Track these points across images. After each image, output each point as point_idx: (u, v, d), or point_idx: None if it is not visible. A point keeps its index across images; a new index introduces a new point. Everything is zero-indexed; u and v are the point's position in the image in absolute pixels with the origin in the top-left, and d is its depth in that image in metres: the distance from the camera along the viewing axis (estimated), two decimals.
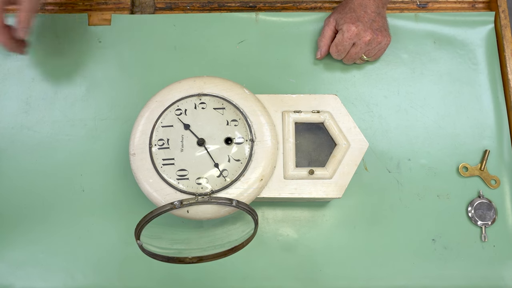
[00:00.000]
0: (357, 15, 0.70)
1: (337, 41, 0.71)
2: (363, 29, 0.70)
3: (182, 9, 0.81)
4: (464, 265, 0.69)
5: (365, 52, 0.72)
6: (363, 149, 0.64)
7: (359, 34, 0.70)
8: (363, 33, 0.70)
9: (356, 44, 0.71)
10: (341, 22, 0.71)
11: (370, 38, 0.70)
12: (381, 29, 0.71)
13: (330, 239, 0.70)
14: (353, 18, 0.70)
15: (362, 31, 0.70)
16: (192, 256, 0.57)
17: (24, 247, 0.69)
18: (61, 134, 0.74)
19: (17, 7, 0.65)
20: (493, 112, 0.75)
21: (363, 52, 0.72)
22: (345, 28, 0.70)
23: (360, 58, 0.74)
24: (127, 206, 0.70)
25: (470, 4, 0.82)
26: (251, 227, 0.67)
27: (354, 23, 0.69)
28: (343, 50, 0.72)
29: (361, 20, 0.70)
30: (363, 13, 0.70)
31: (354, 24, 0.69)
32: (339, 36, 0.71)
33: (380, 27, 0.71)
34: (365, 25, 0.70)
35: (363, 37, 0.70)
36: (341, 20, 0.71)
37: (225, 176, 0.60)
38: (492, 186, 0.72)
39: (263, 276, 0.68)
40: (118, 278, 0.68)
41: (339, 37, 0.71)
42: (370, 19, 0.70)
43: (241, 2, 0.81)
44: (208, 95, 0.63)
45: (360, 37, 0.70)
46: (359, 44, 0.70)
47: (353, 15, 0.70)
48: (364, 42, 0.70)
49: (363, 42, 0.70)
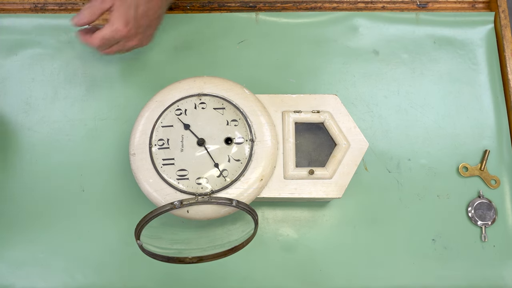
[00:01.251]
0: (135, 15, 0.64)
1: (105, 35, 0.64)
2: (134, 34, 0.65)
3: (182, 9, 0.81)
4: (464, 265, 0.69)
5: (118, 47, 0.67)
6: (363, 149, 0.64)
7: (127, 37, 0.65)
8: (131, 37, 0.66)
9: (119, 44, 0.66)
10: (115, 14, 0.63)
11: (135, 44, 0.67)
12: (150, 37, 0.69)
13: (330, 239, 0.70)
14: (128, 17, 0.63)
15: (132, 36, 0.65)
16: (192, 256, 0.57)
17: (24, 247, 0.69)
18: (61, 134, 0.74)
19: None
20: (493, 112, 0.75)
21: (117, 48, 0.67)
22: (116, 25, 0.63)
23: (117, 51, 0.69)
24: (127, 206, 0.70)
25: (470, 4, 0.82)
26: (251, 227, 0.67)
27: (127, 25, 0.63)
28: (107, 44, 0.65)
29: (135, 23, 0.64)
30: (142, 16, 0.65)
31: (126, 25, 0.63)
32: (107, 30, 0.63)
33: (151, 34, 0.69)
34: (137, 30, 0.65)
35: (129, 41, 0.66)
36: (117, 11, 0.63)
37: (225, 176, 0.60)
38: (492, 186, 0.72)
39: (263, 276, 0.68)
40: (118, 278, 0.68)
41: (107, 32, 0.63)
42: (146, 25, 0.66)
43: (241, 2, 0.81)
44: (208, 95, 0.63)
45: (127, 41, 0.66)
46: (122, 45, 0.67)
47: (130, 13, 0.63)
48: (127, 46, 0.67)
49: (126, 47, 0.67)
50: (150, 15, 0.66)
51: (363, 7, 0.81)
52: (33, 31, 0.78)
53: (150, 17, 0.66)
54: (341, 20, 0.79)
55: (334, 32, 0.78)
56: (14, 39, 0.78)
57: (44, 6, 0.80)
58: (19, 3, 0.80)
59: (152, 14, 0.66)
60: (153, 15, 0.67)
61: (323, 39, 0.78)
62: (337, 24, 0.79)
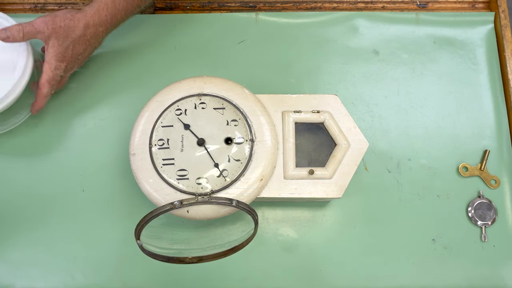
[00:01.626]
0: (70, 54, 0.67)
1: (49, 76, 0.67)
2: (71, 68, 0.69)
3: (182, 9, 0.81)
4: (464, 265, 0.69)
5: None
6: (363, 149, 0.64)
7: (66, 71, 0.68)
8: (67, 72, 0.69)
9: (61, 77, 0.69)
10: (51, 53, 0.66)
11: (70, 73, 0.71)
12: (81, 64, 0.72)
13: (330, 239, 0.70)
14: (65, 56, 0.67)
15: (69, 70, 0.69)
16: (192, 256, 0.57)
17: (24, 247, 0.69)
18: (62, 134, 0.74)
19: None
20: (493, 112, 0.75)
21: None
22: (55, 64, 0.66)
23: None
24: (127, 206, 0.70)
25: (470, 4, 0.82)
26: (251, 227, 0.67)
27: (63, 61, 0.67)
28: (55, 84, 0.68)
29: (71, 59, 0.68)
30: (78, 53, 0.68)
31: (63, 62, 0.67)
32: (48, 71, 0.67)
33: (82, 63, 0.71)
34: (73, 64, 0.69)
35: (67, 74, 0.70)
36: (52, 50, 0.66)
37: (225, 176, 0.60)
38: (492, 186, 0.72)
39: (263, 276, 0.68)
40: (118, 278, 0.68)
41: (49, 73, 0.67)
42: (83, 56, 0.69)
43: (241, 2, 0.81)
44: (208, 95, 0.63)
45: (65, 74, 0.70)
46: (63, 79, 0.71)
47: (67, 53, 0.66)
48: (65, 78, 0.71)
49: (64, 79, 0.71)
50: (87, 50, 0.69)
51: (363, 7, 0.81)
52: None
53: (87, 52, 0.69)
54: (341, 20, 0.79)
55: (334, 32, 0.78)
56: None
57: (44, 6, 0.80)
58: (19, 3, 0.80)
59: (89, 49, 0.69)
60: (90, 49, 0.69)
61: (323, 39, 0.78)
62: (337, 24, 0.79)
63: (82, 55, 0.68)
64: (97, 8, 0.66)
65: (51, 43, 0.65)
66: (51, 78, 0.67)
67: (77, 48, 0.67)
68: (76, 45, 0.66)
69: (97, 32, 0.67)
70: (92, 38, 0.67)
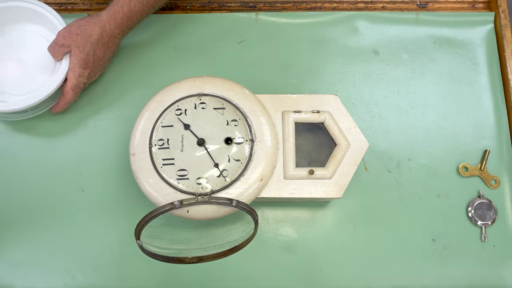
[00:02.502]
0: (92, 59, 0.69)
1: (72, 83, 0.69)
2: (94, 74, 0.71)
3: (182, 9, 0.81)
4: (464, 265, 0.69)
5: None
6: (363, 149, 0.64)
7: (89, 78, 0.71)
8: (91, 78, 0.71)
9: (85, 84, 0.71)
10: (74, 61, 0.68)
11: (94, 79, 0.73)
12: (107, 64, 0.74)
13: (330, 239, 0.70)
14: (87, 62, 0.69)
15: (92, 76, 0.71)
16: (192, 256, 0.57)
17: (24, 247, 0.69)
18: (62, 134, 0.74)
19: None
20: (493, 112, 0.75)
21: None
22: (78, 71, 0.68)
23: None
24: (127, 206, 0.70)
25: (470, 4, 0.82)
26: (251, 227, 0.67)
27: (86, 67, 0.69)
28: (78, 91, 0.70)
29: (93, 65, 0.69)
30: (99, 58, 0.70)
31: (86, 68, 0.69)
32: (72, 79, 0.69)
33: (108, 63, 0.73)
34: (96, 70, 0.71)
35: (90, 80, 0.72)
36: (75, 58, 0.68)
37: (225, 176, 0.60)
38: (492, 186, 0.72)
39: (263, 276, 0.68)
40: (118, 278, 0.68)
41: (73, 80, 0.69)
42: (104, 62, 0.71)
43: (241, 2, 0.81)
44: (208, 95, 0.63)
45: (89, 80, 0.71)
46: (85, 85, 0.72)
47: (89, 59, 0.68)
48: (88, 83, 0.72)
49: (87, 84, 0.72)
50: (107, 54, 0.70)
51: (363, 7, 0.81)
52: None
53: (107, 56, 0.70)
54: (341, 20, 0.79)
55: (334, 32, 0.78)
56: None
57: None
58: None
59: (108, 52, 0.70)
60: (109, 53, 0.71)
61: (323, 39, 0.78)
62: (337, 24, 0.79)
63: (103, 59, 0.70)
64: (113, 12, 0.67)
65: (73, 52, 0.67)
66: (75, 85, 0.69)
67: (97, 53, 0.68)
68: (96, 50, 0.68)
69: (114, 35, 0.68)
70: (110, 41, 0.69)
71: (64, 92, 0.70)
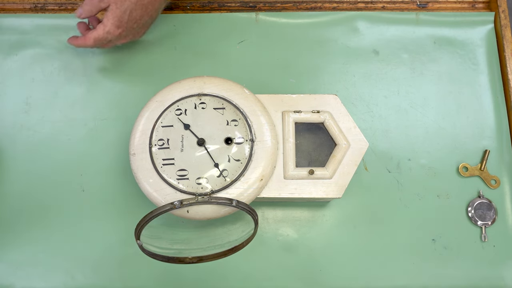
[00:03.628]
0: (128, 19, 0.67)
1: (99, 35, 0.68)
2: (124, 35, 0.69)
3: (182, 9, 0.81)
4: (464, 265, 0.69)
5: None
6: (363, 149, 0.64)
7: (118, 38, 0.69)
8: (121, 38, 0.70)
9: (111, 41, 0.70)
10: (109, 16, 0.67)
11: (126, 41, 0.71)
12: (142, 33, 0.72)
13: (330, 239, 0.70)
14: (121, 20, 0.67)
15: (123, 37, 0.69)
16: (192, 256, 0.57)
17: (24, 247, 0.69)
18: (61, 134, 0.74)
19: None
20: (493, 112, 0.75)
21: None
22: (108, 27, 0.67)
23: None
24: (127, 206, 0.70)
25: (470, 4, 0.82)
26: (251, 227, 0.67)
27: (118, 27, 0.67)
28: (100, 44, 0.69)
29: (127, 25, 0.68)
30: (135, 20, 0.68)
31: (118, 28, 0.67)
32: (100, 31, 0.67)
33: (143, 32, 0.72)
34: (128, 32, 0.69)
35: (121, 40, 0.70)
36: (111, 14, 0.66)
37: (225, 176, 0.60)
38: (492, 186, 0.72)
39: (263, 276, 0.68)
40: (118, 278, 0.68)
41: (100, 33, 0.67)
42: (138, 27, 0.69)
43: (241, 2, 0.81)
44: (208, 95, 0.63)
45: (118, 40, 0.70)
46: (113, 43, 0.70)
47: (124, 17, 0.67)
48: (118, 43, 0.71)
49: (118, 43, 0.71)
50: (144, 18, 0.69)
51: (363, 7, 0.81)
52: (33, 31, 0.78)
53: (143, 19, 0.69)
54: (341, 20, 0.79)
55: (334, 32, 0.78)
56: (14, 39, 0.78)
57: (44, 6, 0.80)
58: (19, 3, 0.80)
59: (145, 17, 0.69)
60: (146, 18, 0.69)
61: (323, 39, 0.78)
62: (337, 24, 0.79)
63: (138, 22, 0.68)
64: None
65: (110, 8, 0.66)
66: (99, 37, 0.68)
67: (134, 13, 0.67)
68: (133, 10, 0.66)
69: None
70: (150, 4, 0.67)
71: (86, 37, 0.68)
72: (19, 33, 0.78)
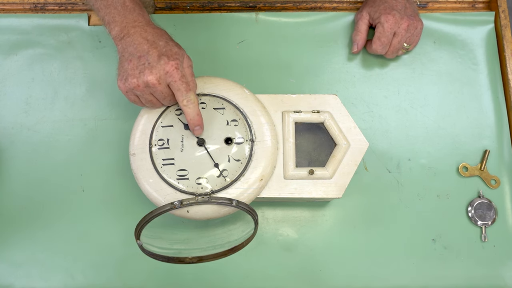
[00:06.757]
0: (390, 5, 0.72)
1: (379, 34, 0.72)
2: (400, 16, 0.71)
3: (182, 9, 0.81)
4: (464, 265, 0.69)
5: (406, 40, 0.73)
6: (363, 149, 0.64)
7: (397, 22, 0.71)
8: (400, 21, 0.71)
9: (396, 33, 0.72)
10: (376, 15, 0.72)
11: (408, 24, 0.71)
12: (414, 14, 0.73)
13: (330, 239, 0.70)
14: (387, 8, 0.71)
15: (399, 19, 0.71)
16: (192, 256, 0.57)
17: (24, 247, 0.69)
18: (61, 134, 0.74)
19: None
20: (493, 112, 0.75)
21: (404, 41, 0.73)
22: (383, 19, 0.71)
23: (402, 48, 0.74)
24: (127, 206, 0.70)
25: (470, 4, 0.82)
26: (251, 227, 0.67)
27: (390, 13, 0.70)
28: (386, 41, 0.72)
29: (395, 8, 0.71)
30: (395, 2, 0.72)
31: (390, 13, 0.70)
32: (379, 29, 0.72)
33: (413, 12, 0.73)
34: (400, 12, 0.71)
35: (402, 24, 0.71)
36: (376, 12, 0.72)
37: (225, 176, 0.60)
38: (492, 186, 0.72)
39: (263, 276, 0.68)
40: (118, 278, 0.68)
41: (380, 30, 0.72)
42: (402, 7, 0.72)
43: (241, 2, 0.81)
44: (208, 95, 0.63)
45: (399, 25, 0.71)
46: (399, 32, 0.71)
47: (386, 6, 0.72)
48: (404, 29, 0.71)
49: (403, 30, 0.71)
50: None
51: None
52: (33, 31, 0.78)
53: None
54: (341, 20, 0.79)
55: (334, 32, 0.78)
56: (14, 39, 0.78)
57: (44, 6, 0.80)
58: (19, 3, 0.80)
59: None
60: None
61: (323, 39, 0.78)
62: (337, 24, 0.79)
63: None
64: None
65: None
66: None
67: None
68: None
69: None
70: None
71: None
72: (19, 33, 0.78)
